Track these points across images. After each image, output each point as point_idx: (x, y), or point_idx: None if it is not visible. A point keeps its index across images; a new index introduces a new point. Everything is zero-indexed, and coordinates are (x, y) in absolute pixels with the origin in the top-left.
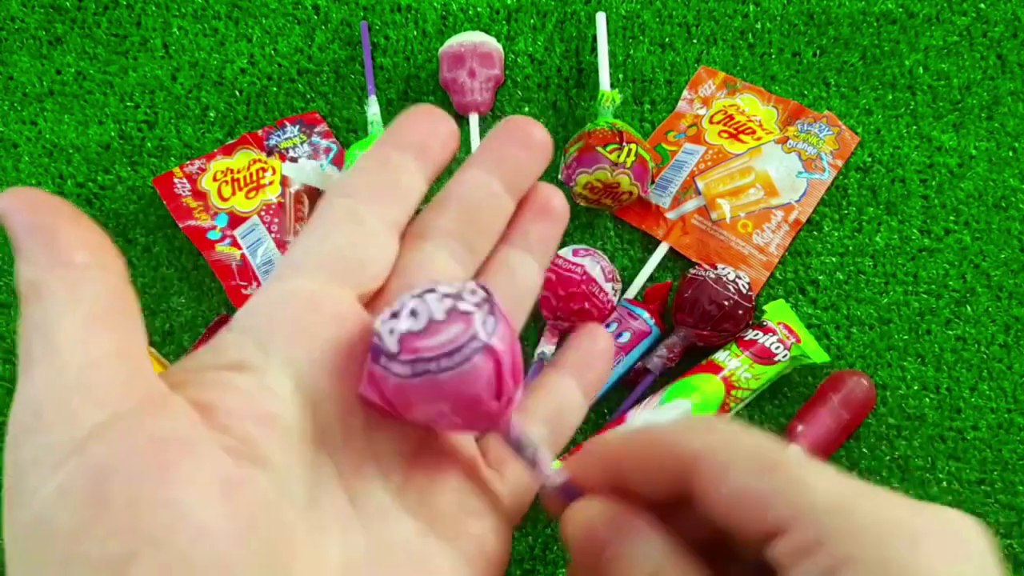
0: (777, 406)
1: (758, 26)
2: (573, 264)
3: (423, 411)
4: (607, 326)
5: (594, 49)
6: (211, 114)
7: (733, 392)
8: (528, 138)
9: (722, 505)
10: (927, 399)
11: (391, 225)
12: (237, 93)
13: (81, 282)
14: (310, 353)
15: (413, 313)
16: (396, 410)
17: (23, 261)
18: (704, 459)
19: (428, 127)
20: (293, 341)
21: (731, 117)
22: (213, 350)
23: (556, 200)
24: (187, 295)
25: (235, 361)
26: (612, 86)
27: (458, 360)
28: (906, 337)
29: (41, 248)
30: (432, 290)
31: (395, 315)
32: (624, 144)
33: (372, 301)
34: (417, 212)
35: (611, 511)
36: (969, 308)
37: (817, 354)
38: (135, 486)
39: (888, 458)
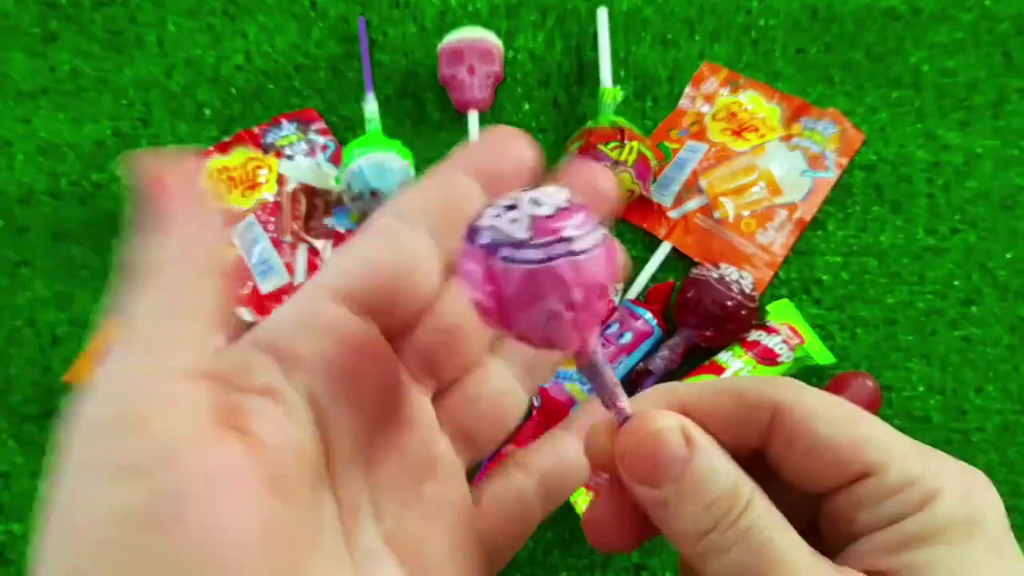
0: None
1: (761, 22)
2: None
3: (540, 310)
4: (608, 327)
5: (595, 45)
6: (206, 111)
7: None
8: (509, 153)
9: (804, 454)
10: (933, 400)
11: (436, 253)
12: (233, 90)
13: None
14: (329, 386)
15: (535, 202)
16: (507, 314)
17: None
18: (790, 410)
19: (503, 151)
20: (314, 372)
21: (734, 114)
22: (244, 366)
23: (603, 182)
24: None
25: (265, 386)
26: (614, 83)
27: (592, 243)
28: (911, 338)
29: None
30: (536, 188)
31: (511, 207)
32: (625, 142)
33: (399, 335)
34: None
35: (682, 423)
36: (975, 308)
37: (821, 355)
38: (188, 522)
39: None
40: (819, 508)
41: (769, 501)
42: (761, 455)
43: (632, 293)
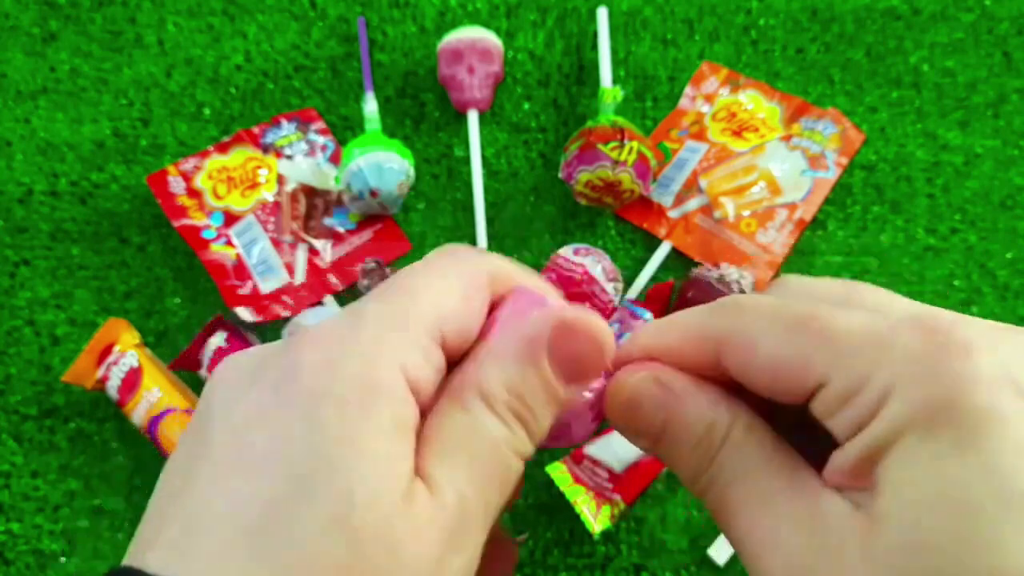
0: None
1: (761, 22)
2: (574, 264)
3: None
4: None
5: (595, 45)
6: (206, 111)
7: None
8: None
9: (758, 378)
10: None
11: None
12: (232, 90)
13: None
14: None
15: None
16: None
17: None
18: (730, 339)
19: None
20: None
21: (734, 114)
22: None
23: None
24: (182, 295)
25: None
26: (613, 83)
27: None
28: None
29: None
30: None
31: None
32: (625, 142)
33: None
34: None
35: (654, 376)
36: (975, 308)
37: None
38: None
39: None
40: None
41: (749, 430)
42: None
43: (632, 293)
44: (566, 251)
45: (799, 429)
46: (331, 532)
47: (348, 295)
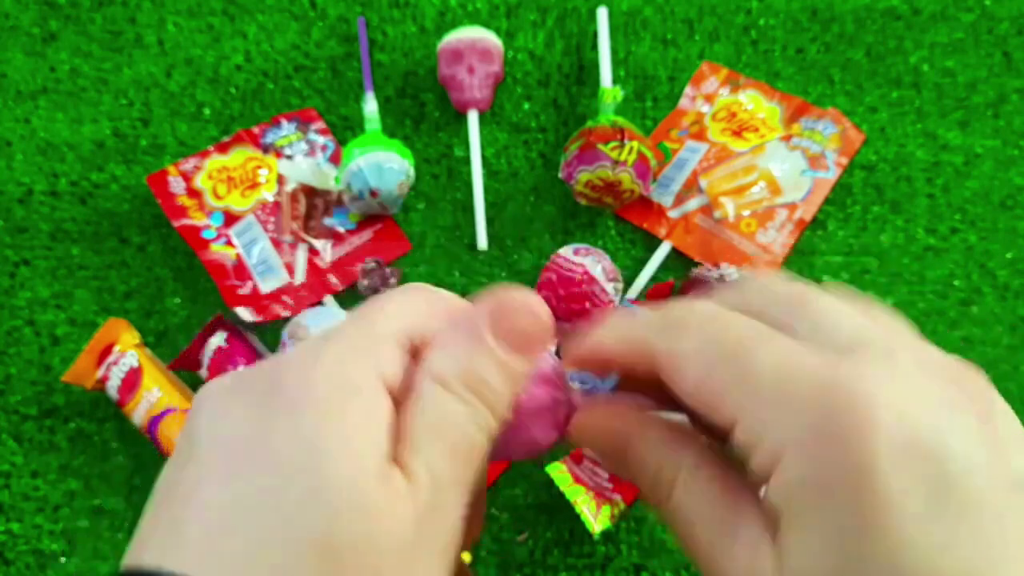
0: None
1: (761, 22)
2: (574, 264)
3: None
4: None
5: (595, 45)
6: (206, 111)
7: None
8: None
9: (688, 404)
10: None
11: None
12: (232, 90)
13: None
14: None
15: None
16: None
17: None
18: (665, 362)
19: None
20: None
21: (734, 114)
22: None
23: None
24: (182, 295)
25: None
26: (613, 83)
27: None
28: None
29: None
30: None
31: None
32: (625, 142)
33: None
34: None
35: (610, 414)
36: (975, 308)
37: None
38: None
39: None
40: None
41: (697, 470)
42: None
43: (632, 293)
44: (566, 251)
45: None
46: (308, 507)
47: (348, 295)
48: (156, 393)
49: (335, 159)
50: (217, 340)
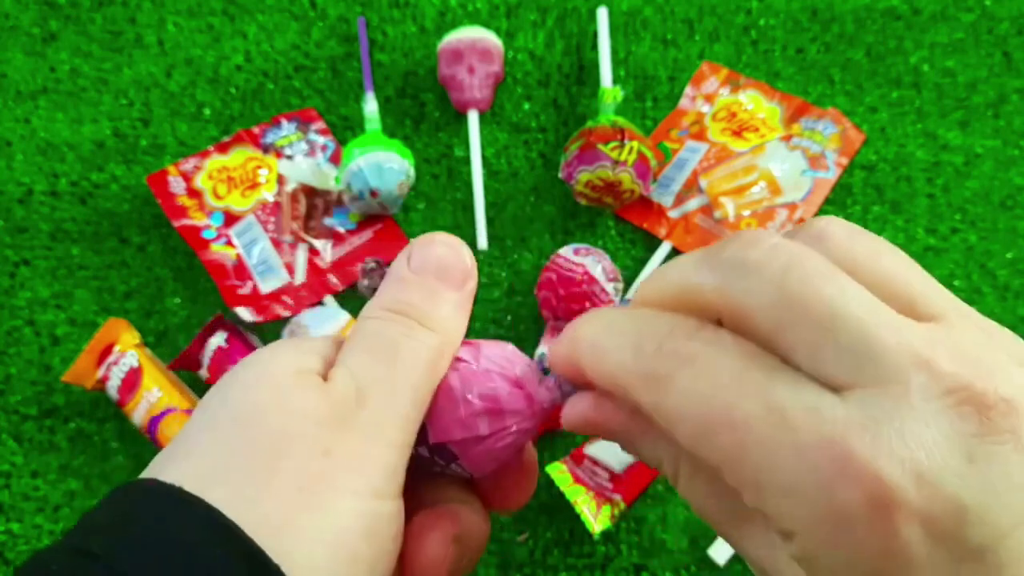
0: None
1: (761, 22)
2: (574, 264)
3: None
4: None
5: (595, 45)
6: (206, 111)
7: None
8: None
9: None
10: None
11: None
12: (232, 90)
13: None
14: None
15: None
16: None
17: None
18: (654, 416)
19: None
20: None
21: (734, 114)
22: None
23: None
24: (182, 295)
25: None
26: (613, 83)
27: None
28: None
29: None
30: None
31: None
32: (625, 142)
33: None
34: None
35: (596, 414)
36: (975, 308)
37: None
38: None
39: None
40: None
41: (695, 473)
42: None
43: (632, 293)
44: (566, 251)
45: None
46: (240, 401)
47: (348, 295)
48: (156, 393)
49: (335, 159)
50: (217, 340)
